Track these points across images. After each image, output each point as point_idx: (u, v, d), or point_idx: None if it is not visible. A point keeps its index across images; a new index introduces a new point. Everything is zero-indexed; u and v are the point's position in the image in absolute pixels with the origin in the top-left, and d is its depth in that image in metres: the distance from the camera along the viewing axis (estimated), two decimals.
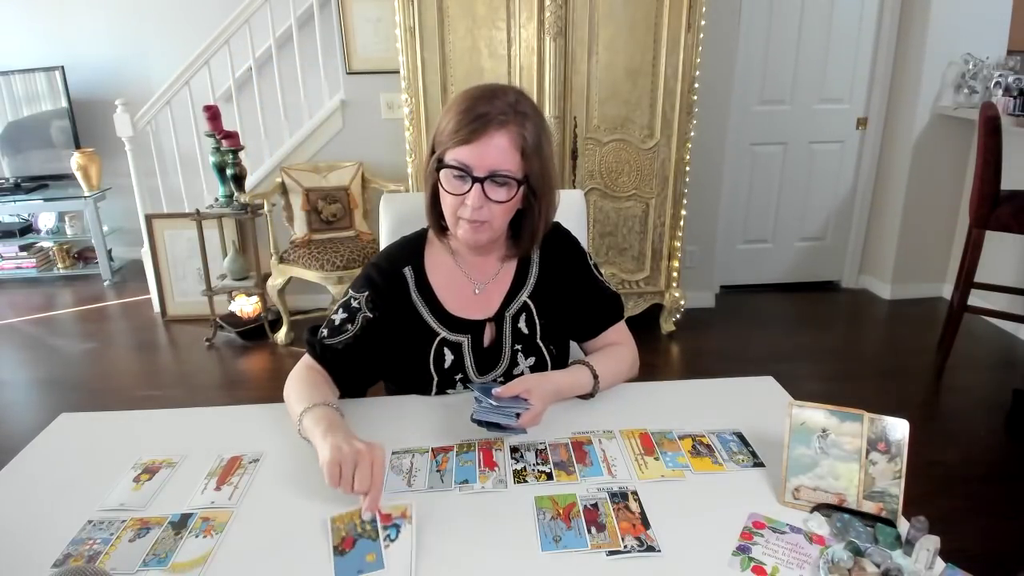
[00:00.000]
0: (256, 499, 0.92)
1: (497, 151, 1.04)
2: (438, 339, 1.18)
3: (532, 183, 1.10)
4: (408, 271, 1.19)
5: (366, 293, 1.17)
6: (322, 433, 0.95)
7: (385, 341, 1.17)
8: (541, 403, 1.04)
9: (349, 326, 1.15)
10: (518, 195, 1.09)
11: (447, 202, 1.09)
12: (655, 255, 3.09)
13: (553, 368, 1.22)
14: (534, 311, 1.22)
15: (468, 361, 1.19)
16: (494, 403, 1.01)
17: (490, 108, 1.04)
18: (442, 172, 1.07)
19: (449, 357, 1.18)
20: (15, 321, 3.65)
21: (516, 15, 2.70)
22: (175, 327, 3.49)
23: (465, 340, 1.19)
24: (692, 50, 2.77)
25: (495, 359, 1.20)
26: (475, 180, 1.04)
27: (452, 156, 1.05)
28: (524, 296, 1.22)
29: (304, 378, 1.12)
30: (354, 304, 1.17)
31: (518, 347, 1.20)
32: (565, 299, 1.24)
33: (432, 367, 1.18)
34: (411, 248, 1.23)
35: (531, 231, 1.16)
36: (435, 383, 1.19)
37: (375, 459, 0.89)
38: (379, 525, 0.84)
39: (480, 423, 1.02)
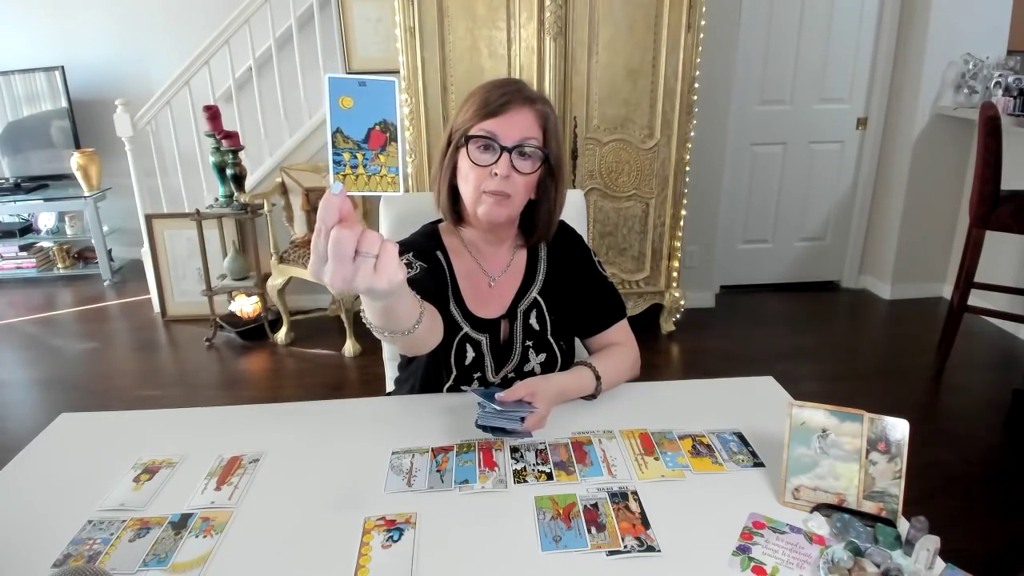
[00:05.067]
0: (256, 499, 0.92)
1: (523, 123, 1.08)
2: (461, 334, 1.18)
3: (551, 163, 1.13)
4: (440, 255, 1.19)
5: (409, 253, 1.10)
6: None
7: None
8: (545, 405, 1.04)
9: (410, 270, 1.06)
10: (540, 171, 1.12)
11: (471, 178, 1.09)
12: (655, 255, 3.09)
13: (563, 365, 1.23)
14: (544, 307, 1.22)
15: (488, 360, 1.19)
16: (498, 408, 1.01)
17: (513, 90, 1.10)
18: (469, 144, 1.08)
19: (471, 354, 1.18)
20: (15, 321, 3.65)
21: (516, 15, 2.70)
22: (175, 327, 3.49)
23: (483, 339, 1.19)
24: (692, 50, 2.77)
25: (507, 355, 1.21)
26: (503, 149, 1.07)
27: (479, 129, 1.08)
28: (535, 292, 1.22)
29: None
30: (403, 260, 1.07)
31: (529, 343, 1.21)
32: (572, 294, 1.25)
33: (453, 361, 1.18)
34: (431, 238, 1.22)
35: (547, 216, 1.18)
36: (453, 378, 1.19)
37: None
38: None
39: (485, 428, 1.02)
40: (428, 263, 1.14)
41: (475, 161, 1.08)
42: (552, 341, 1.22)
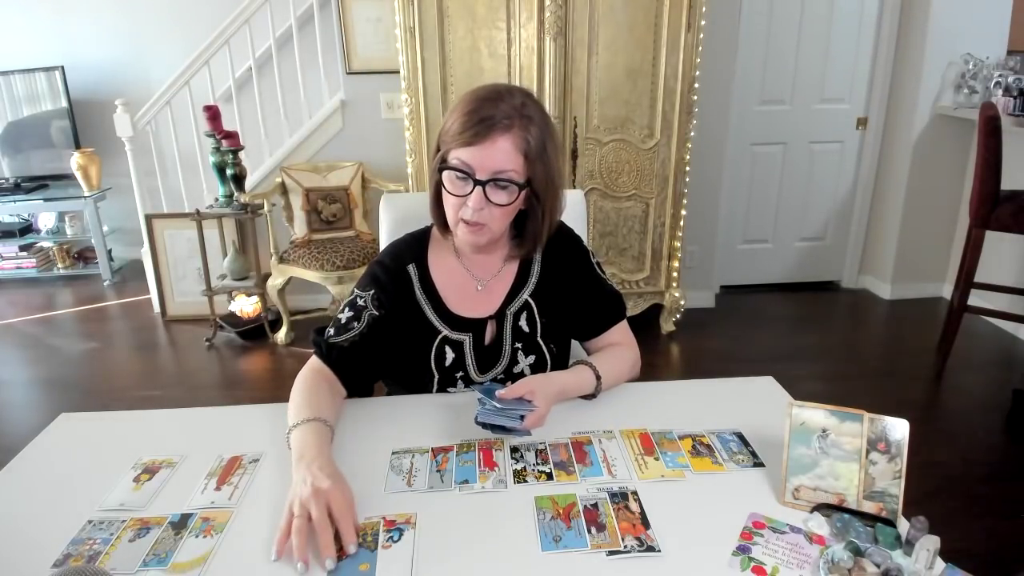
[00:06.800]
0: (256, 499, 0.92)
1: (500, 154, 1.04)
2: (440, 337, 1.18)
3: (535, 186, 1.10)
4: (412, 268, 1.20)
5: (372, 291, 1.18)
6: (295, 462, 0.92)
7: (390, 339, 1.18)
8: (545, 404, 1.04)
9: (355, 324, 1.15)
10: (519, 199, 1.09)
11: (449, 202, 1.10)
12: (655, 255, 3.09)
13: (553, 367, 1.22)
14: (535, 309, 1.22)
15: (469, 359, 1.19)
16: (498, 405, 1.01)
17: (495, 111, 1.04)
18: (444, 173, 1.08)
19: (450, 355, 1.18)
20: (15, 321, 3.65)
21: (516, 15, 2.70)
22: (175, 327, 3.49)
23: (466, 338, 1.19)
24: (692, 50, 2.77)
25: (495, 357, 1.20)
26: (477, 183, 1.04)
27: (455, 157, 1.06)
28: (526, 294, 1.22)
29: (307, 385, 1.09)
30: (360, 302, 1.17)
31: (518, 345, 1.21)
32: (567, 298, 1.24)
33: (433, 365, 1.18)
34: (415, 245, 1.23)
35: (534, 233, 1.17)
36: (436, 381, 1.19)
37: (332, 500, 0.83)
38: (381, 533, 0.82)
39: (484, 425, 1.02)
40: (388, 292, 1.17)
41: (450, 191, 1.08)
42: (541, 343, 1.22)
